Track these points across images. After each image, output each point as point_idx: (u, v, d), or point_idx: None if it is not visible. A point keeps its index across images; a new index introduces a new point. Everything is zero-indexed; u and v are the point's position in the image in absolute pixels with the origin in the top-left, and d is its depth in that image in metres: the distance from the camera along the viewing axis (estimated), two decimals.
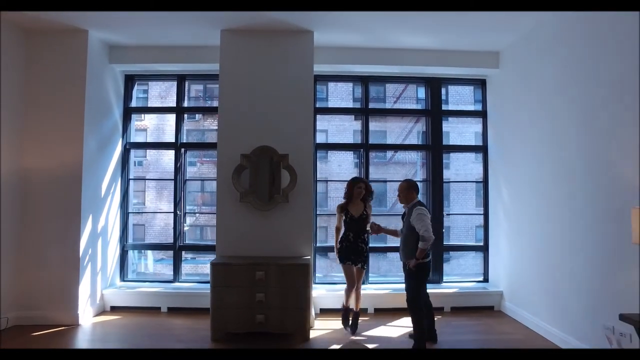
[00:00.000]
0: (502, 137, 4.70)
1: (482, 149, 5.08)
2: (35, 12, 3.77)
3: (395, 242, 5.78)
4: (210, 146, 5.24)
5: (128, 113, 4.97)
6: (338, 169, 6.13)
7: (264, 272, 3.70)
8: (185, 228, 5.08)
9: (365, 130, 5.00)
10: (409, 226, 3.52)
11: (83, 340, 3.76)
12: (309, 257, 4.04)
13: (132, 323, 4.16)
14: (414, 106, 5.44)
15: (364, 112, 5.02)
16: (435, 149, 5.01)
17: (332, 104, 5.31)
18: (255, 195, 4.10)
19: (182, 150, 4.98)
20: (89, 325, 4.08)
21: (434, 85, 5.05)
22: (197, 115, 6.58)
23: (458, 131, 6.13)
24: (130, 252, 5.01)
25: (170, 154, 5.26)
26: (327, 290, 4.56)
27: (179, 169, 4.93)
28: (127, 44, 4.64)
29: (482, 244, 4.98)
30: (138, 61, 4.71)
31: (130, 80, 5.01)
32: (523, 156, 4.21)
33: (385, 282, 4.90)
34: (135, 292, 4.59)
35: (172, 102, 5.08)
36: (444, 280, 4.86)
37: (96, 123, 4.41)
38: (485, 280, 4.90)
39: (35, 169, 4.17)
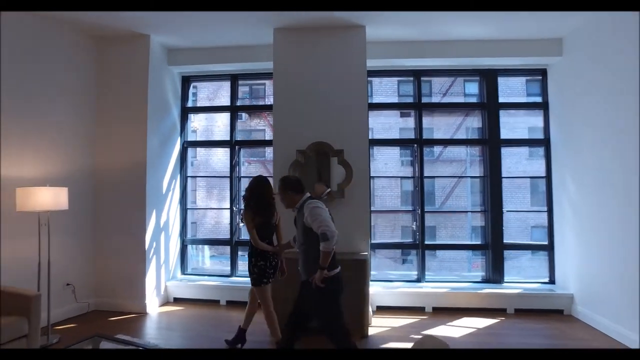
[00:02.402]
0: (567, 129, 4.43)
1: (543, 143, 4.81)
2: (95, 19, 4.02)
3: (444, 238, 5.66)
4: (264, 143, 5.35)
5: (185, 113, 5.17)
6: (384, 167, 6.04)
7: None
8: (241, 224, 5.20)
9: (419, 126, 4.88)
10: (303, 230, 2.68)
11: (151, 328, 3.95)
12: (366, 253, 4.01)
13: (194, 314, 4.33)
14: (461, 108, 5.24)
15: (417, 107, 4.91)
16: (492, 144, 4.81)
17: (376, 100, 5.23)
18: (310, 190, 4.12)
19: (237, 147, 5.10)
20: (155, 315, 4.29)
21: (490, 77, 4.85)
22: (243, 115, 6.72)
23: (509, 126, 5.87)
24: (189, 247, 5.20)
25: (219, 154, 5.43)
26: (383, 287, 4.51)
27: (234, 166, 5.06)
28: (184, 47, 4.81)
29: (546, 243, 4.71)
30: (194, 62, 4.87)
31: (186, 81, 5.20)
32: (592, 148, 3.95)
33: (443, 281, 4.76)
34: (196, 285, 4.77)
35: (221, 102, 5.25)
36: (505, 281, 4.65)
37: (157, 123, 4.61)
38: (552, 282, 4.63)
39: (106, 166, 4.45)
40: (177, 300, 4.73)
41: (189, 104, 5.27)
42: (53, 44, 4.04)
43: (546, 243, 4.70)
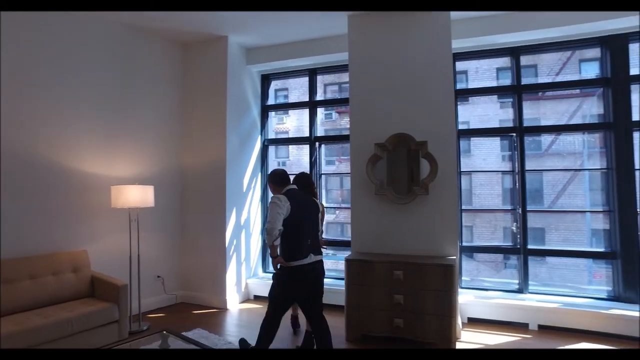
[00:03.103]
0: None
1: None
2: (177, 25, 4.20)
3: (555, 242, 4.77)
4: (345, 139, 5.11)
5: (265, 111, 5.20)
6: (483, 162, 5.37)
7: (402, 272, 3.36)
8: None
9: (519, 112, 4.15)
10: None
11: (231, 324, 3.99)
12: (454, 257, 3.52)
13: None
14: (575, 86, 4.28)
15: (515, 90, 4.19)
16: (620, 128, 3.87)
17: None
18: (391, 187, 3.77)
19: (317, 144, 4.96)
20: (235, 311, 4.35)
21: (616, 45, 3.90)
22: (333, 114, 6.55)
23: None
24: None
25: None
26: (475, 296, 3.94)
27: (313, 163, 4.93)
28: (261, 45, 4.83)
29: None
30: (272, 59, 4.86)
31: (266, 80, 5.23)
32: None
33: (552, 294, 3.98)
34: None
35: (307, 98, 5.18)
36: None
37: (237, 122, 4.70)
38: None
39: (190, 166, 4.70)
40: (258, 298, 4.75)
41: (271, 101, 5.29)
42: (142, 51, 4.35)
43: None
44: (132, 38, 4.25)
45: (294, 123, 5.75)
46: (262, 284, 4.77)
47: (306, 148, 5.10)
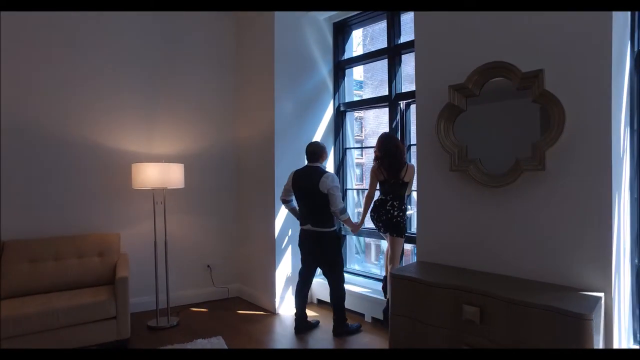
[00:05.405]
0: None
1: None
2: None
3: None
4: None
5: (340, 68, 4.11)
6: None
7: (478, 309, 1.87)
8: (409, 212, 3.68)
9: None
10: None
11: (269, 337, 3.16)
12: (601, 294, 1.78)
13: (328, 327, 3.28)
14: None
15: None
16: None
17: None
18: (478, 158, 2.21)
19: (402, 104, 3.62)
20: (287, 317, 3.51)
21: None
22: None
23: None
24: (354, 239, 4.17)
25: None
26: None
27: (394, 129, 3.62)
28: None
29: None
30: None
31: (340, 32, 4.12)
32: None
33: None
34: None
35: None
36: None
37: (292, 84, 3.79)
38: None
39: (240, 142, 4.11)
40: (322, 304, 3.82)
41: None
42: (183, 14, 3.88)
43: None
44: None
45: None
46: (326, 287, 3.78)
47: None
